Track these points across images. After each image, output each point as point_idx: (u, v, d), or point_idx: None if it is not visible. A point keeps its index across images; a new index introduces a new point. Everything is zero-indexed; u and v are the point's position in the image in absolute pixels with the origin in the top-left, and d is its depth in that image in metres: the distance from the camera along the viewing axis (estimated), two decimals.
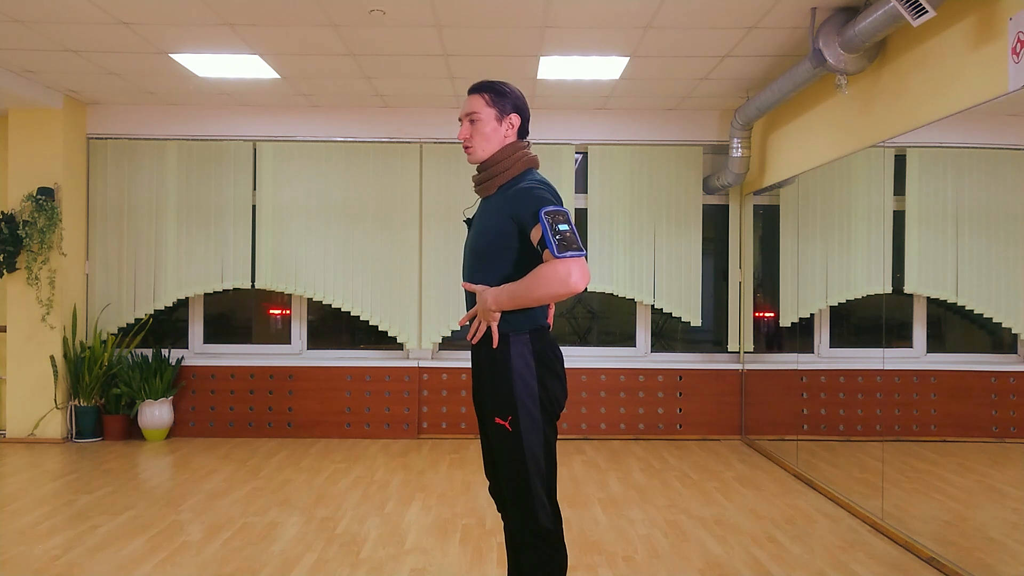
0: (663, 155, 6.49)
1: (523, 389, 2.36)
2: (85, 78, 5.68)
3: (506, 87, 2.54)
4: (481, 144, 2.50)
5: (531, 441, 2.35)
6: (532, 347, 2.39)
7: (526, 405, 2.35)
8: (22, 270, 6.06)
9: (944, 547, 3.59)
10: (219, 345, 6.68)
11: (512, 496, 2.38)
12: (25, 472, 5.24)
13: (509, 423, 2.36)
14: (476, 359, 2.50)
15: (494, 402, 2.39)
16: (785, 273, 5.74)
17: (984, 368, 4.09)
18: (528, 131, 2.58)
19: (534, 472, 2.35)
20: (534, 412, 2.36)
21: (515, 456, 2.35)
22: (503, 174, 2.47)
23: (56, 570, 3.46)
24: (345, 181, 6.46)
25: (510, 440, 2.36)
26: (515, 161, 2.48)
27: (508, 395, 2.36)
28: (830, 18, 4.20)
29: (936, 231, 4.17)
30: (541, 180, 2.44)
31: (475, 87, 2.55)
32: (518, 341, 2.38)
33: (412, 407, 6.46)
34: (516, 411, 2.35)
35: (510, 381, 2.36)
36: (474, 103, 2.51)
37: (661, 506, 4.52)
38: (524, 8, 4.27)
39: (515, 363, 2.37)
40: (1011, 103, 3.16)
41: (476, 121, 2.50)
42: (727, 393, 6.51)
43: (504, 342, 2.39)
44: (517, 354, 2.38)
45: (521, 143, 2.53)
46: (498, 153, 2.49)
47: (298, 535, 3.96)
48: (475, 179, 2.55)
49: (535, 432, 2.36)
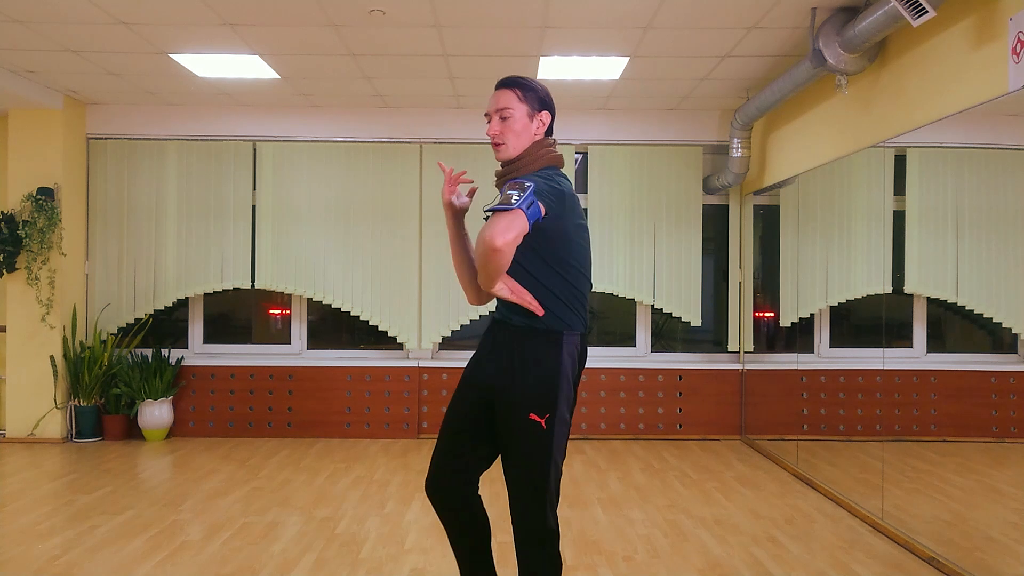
0: (663, 155, 6.49)
1: (566, 390, 2.34)
2: (85, 78, 5.68)
3: (536, 83, 2.48)
4: (512, 141, 2.42)
5: (559, 442, 2.33)
6: (578, 347, 2.39)
7: (563, 406, 2.33)
8: (22, 270, 6.06)
9: (944, 547, 3.59)
10: (219, 345, 6.68)
11: (524, 495, 2.34)
12: (25, 472, 5.24)
13: (545, 421, 2.31)
14: (504, 346, 2.40)
15: (530, 398, 2.32)
16: (785, 273, 5.74)
17: (984, 368, 4.09)
18: (553, 130, 2.51)
19: (553, 474, 2.33)
20: (566, 415, 2.35)
21: (541, 456, 2.31)
22: (521, 170, 2.41)
23: (56, 570, 3.45)
24: (345, 181, 6.46)
25: (541, 439, 2.31)
26: (538, 158, 2.42)
27: (551, 394, 2.32)
28: (830, 18, 4.20)
29: (936, 231, 4.17)
30: (547, 172, 2.37)
31: (505, 82, 2.47)
32: (570, 341, 2.36)
33: (412, 407, 6.46)
34: (555, 410, 2.31)
35: (556, 380, 2.32)
36: (505, 98, 2.43)
37: (661, 506, 4.52)
38: (524, 8, 4.27)
39: (564, 362, 2.34)
40: (1011, 103, 3.16)
41: (507, 118, 2.42)
42: (727, 393, 6.51)
43: (557, 340, 2.34)
44: (568, 354, 2.35)
45: (548, 140, 2.47)
46: (526, 150, 2.43)
47: (298, 535, 3.96)
48: (497, 174, 2.49)
49: (563, 435, 2.35)
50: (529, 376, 2.33)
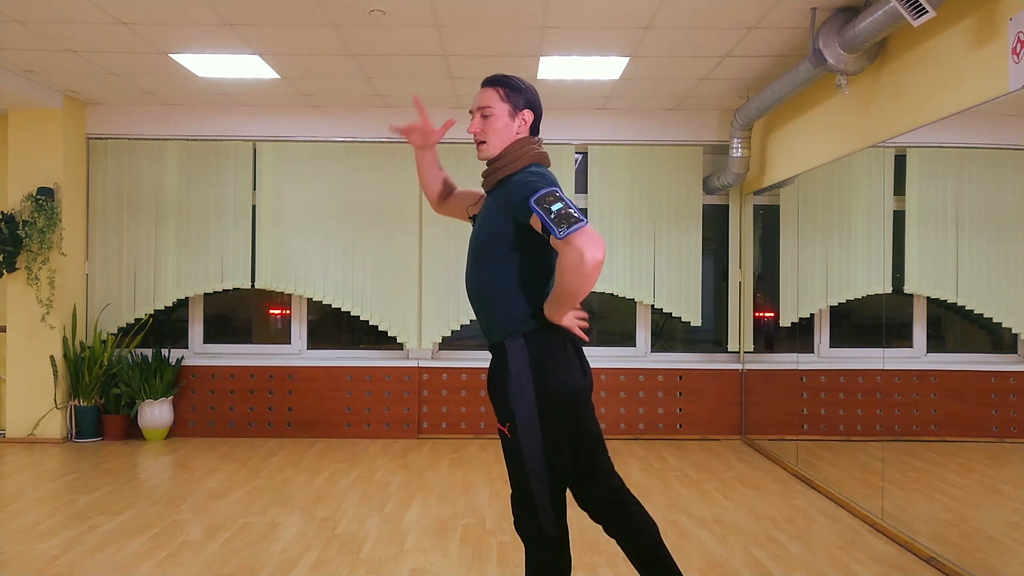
0: (663, 155, 6.49)
1: (517, 395, 2.32)
2: (85, 78, 5.68)
3: (521, 82, 2.48)
4: (493, 140, 2.44)
5: (531, 449, 2.32)
6: (529, 351, 2.33)
7: (522, 411, 2.32)
8: (22, 270, 6.06)
9: (944, 547, 3.59)
10: (219, 345, 6.68)
11: (518, 502, 2.38)
12: (25, 472, 5.24)
13: (508, 429, 2.34)
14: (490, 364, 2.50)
15: (496, 410, 2.40)
16: (785, 273, 5.74)
17: (984, 368, 4.10)
18: (539, 129, 2.51)
19: (534, 479, 2.32)
20: (529, 418, 2.32)
21: (517, 463, 2.35)
22: (506, 168, 2.42)
23: (56, 570, 3.45)
24: (345, 181, 6.46)
25: (512, 447, 2.35)
26: (522, 155, 2.42)
27: (505, 401, 2.34)
28: (830, 18, 4.20)
29: (936, 231, 4.17)
30: (535, 171, 2.37)
31: (489, 80, 2.48)
32: (513, 346, 2.35)
33: (412, 407, 6.46)
34: (514, 417, 2.32)
35: (505, 388, 2.34)
36: (487, 97, 2.45)
37: (661, 506, 4.51)
38: (524, 8, 4.27)
39: (516, 366, 2.33)
40: (1011, 103, 3.16)
41: (489, 116, 2.43)
42: (727, 393, 6.50)
43: (502, 351, 2.36)
44: (513, 360, 2.34)
45: (531, 139, 2.46)
46: (507, 148, 2.43)
47: (298, 535, 3.96)
48: (483, 174, 2.51)
49: (534, 441, 2.32)
50: (491, 387, 2.41)
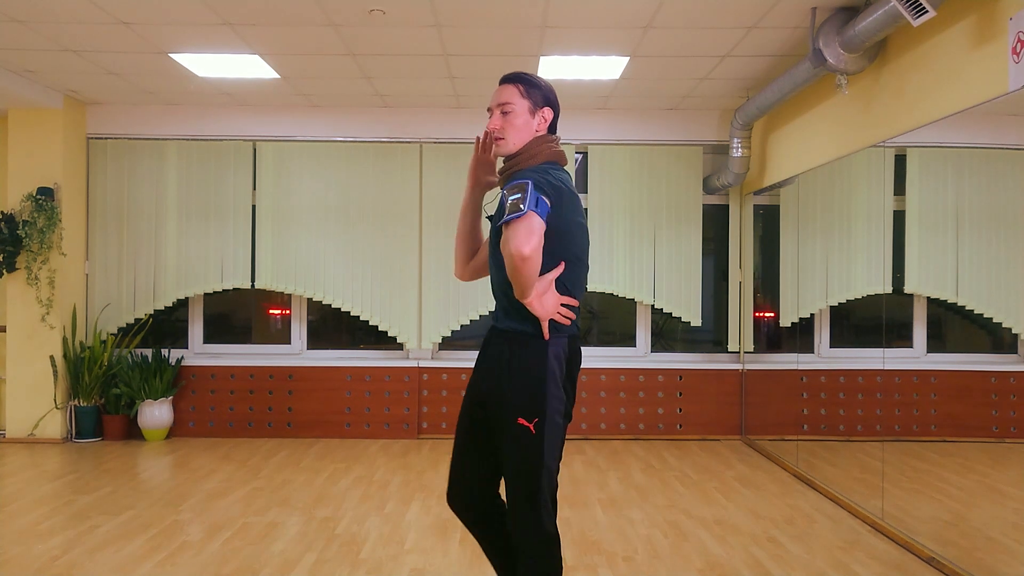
0: (663, 155, 6.49)
1: (554, 393, 2.32)
2: (85, 78, 5.68)
3: (540, 80, 2.47)
4: (513, 136, 2.41)
5: (551, 447, 2.32)
6: (566, 351, 2.37)
7: (552, 410, 2.31)
8: (22, 270, 6.06)
9: (944, 547, 3.59)
10: (219, 345, 6.68)
11: (520, 500, 2.33)
12: (25, 472, 5.24)
13: (534, 426, 2.30)
14: (495, 356, 2.41)
15: (518, 403, 2.32)
16: (785, 273, 5.74)
17: (984, 368, 4.09)
18: (557, 128, 2.51)
19: (546, 479, 2.32)
20: (557, 419, 2.33)
21: (534, 460, 2.30)
22: (520, 164, 2.40)
23: (56, 570, 3.45)
24: (345, 181, 6.46)
25: (532, 443, 2.30)
26: (538, 153, 2.40)
27: (538, 397, 2.31)
28: (830, 18, 4.20)
29: (936, 231, 4.17)
30: (543, 168, 2.36)
31: (508, 77, 2.47)
32: (556, 344, 2.34)
33: (412, 407, 6.46)
34: (544, 415, 2.30)
35: (543, 383, 2.31)
36: (507, 93, 2.43)
37: (661, 506, 4.52)
38: (524, 8, 4.27)
39: (551, 365, 2.33)
40: (1011, 103, 3.16)
41: (508, 112, 2.41)
42: (727, 393, 6.50)
43: (541, 344, 2.33)
44: (554, 356, 2.33)
45: (549, 136, 2.45)
46: (525, 145, 2.42)
47: (298, 535, 3.96)
48: (499, 171, 2.50)
49: (555, 439, 2.33)
50: (516, 381, 2.34)
